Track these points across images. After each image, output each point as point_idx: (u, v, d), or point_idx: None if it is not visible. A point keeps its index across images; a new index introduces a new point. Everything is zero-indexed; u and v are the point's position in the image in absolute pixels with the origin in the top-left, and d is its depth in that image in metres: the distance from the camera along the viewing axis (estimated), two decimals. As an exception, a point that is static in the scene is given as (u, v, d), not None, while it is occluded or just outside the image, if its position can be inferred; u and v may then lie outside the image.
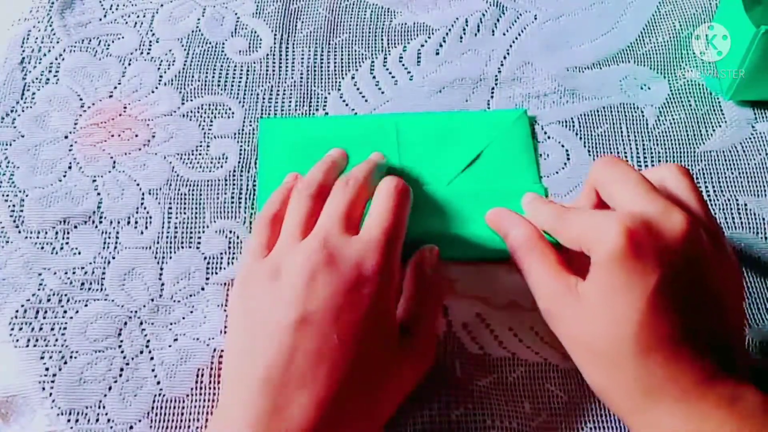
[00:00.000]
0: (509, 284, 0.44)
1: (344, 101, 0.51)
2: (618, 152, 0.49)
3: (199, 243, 0.45)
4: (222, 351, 0.41)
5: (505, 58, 0.53)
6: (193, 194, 0.47)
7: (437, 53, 0.53)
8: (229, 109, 0.50)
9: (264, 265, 0.38)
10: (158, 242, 0.45)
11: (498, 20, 0.55)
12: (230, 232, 0.45)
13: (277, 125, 0.49)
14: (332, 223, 0.38)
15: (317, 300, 0.34)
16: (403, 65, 0.53)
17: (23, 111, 0.49)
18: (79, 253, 0.44)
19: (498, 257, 0.44)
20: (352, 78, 0.52)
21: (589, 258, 0.34)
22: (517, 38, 0.54)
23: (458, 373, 0.41)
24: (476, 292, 0.43)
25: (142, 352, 0.41)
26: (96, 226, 0.45)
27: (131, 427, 0.39)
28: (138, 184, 0.47)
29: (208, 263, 0.44)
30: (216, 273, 0.44)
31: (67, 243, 0.45)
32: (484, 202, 0.46)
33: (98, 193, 0.46)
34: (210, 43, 0.53)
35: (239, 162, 0.48)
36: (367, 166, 0.43)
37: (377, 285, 0.35)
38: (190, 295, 0.43)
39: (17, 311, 0.42)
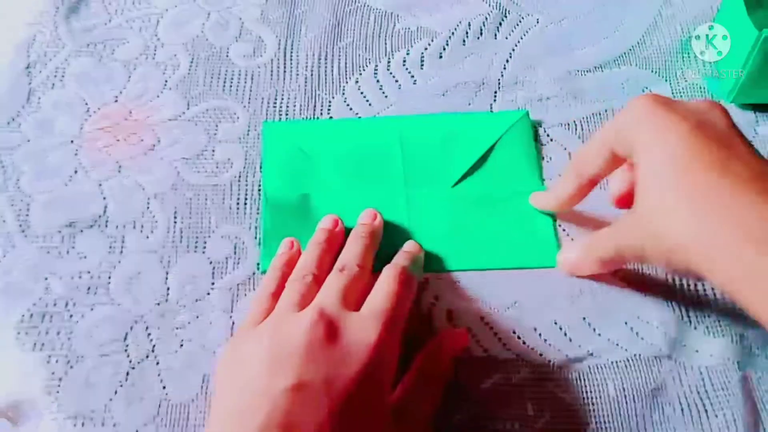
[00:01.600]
0: (512, 286, 0.44)
1: (348, 105, 0.51)
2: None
3: (204, 248, 0.45)
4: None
5: (507, 61, 0.53)
6: (198, 199, 0.47)
7: (440, 57, 0.54)
8: (234, 113, 0.51)
9: (258, 330, 0.37)
10: (164, 247, 0.45)
11: (500, 24, 0.55)
12: (236, 236, 0.46)
13: (281, 128, 0.50)
14: (331, 298, 0.38)
15: (314, 369, 0.34)
16: (407, 69, 0.53)
17: (29, 116, 0.50)
18: (85, 258, 0.45)
19: (502, 266, 0.45)
20: (356, 82, 0.52)
21: None
22: (519, 42, 0.54)
23: (462, 375, 0.41)
24: (479, 293, 0.44)
25: (147, 357, 0.42)
26: (102, 231, 0.46)
27: (137, 431, 0.40)
28: (143, 189, 0.47)
29: (214, 268, 0.45)
30: (221, 278, 0.44)
31: (73, 247, 0.45)
32: (488, 204, 0.46)
33: (104, 198, 0.47)
34: (215, 47, 0.54)
35: (244, 167, 0.48)
36: (359, 249, 0.42)
37: (374, 360, 0.35)
38: (196, 300, 0.43)
39: (23, 316, 0.43)
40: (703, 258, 0.33)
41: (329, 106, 0.51)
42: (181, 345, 0.42)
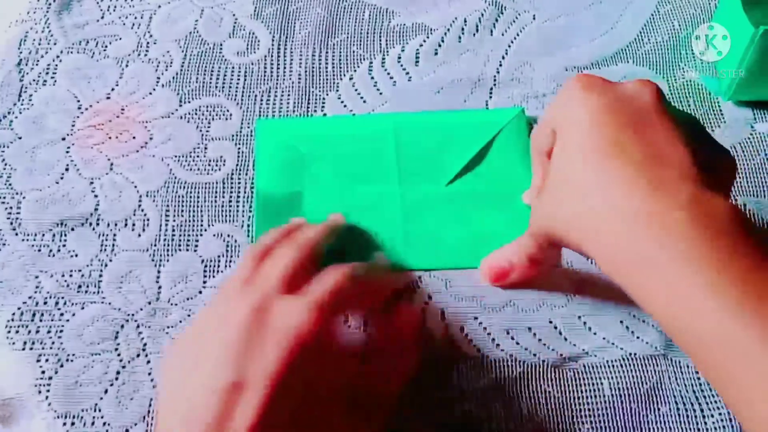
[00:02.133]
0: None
1: (342, 102, 0.51)
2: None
3: (196, 246, 0.45)
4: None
5: (503, 58, 0.53)
6: (190, 197, 0.47)
7: (436, 53, 0.53)
8: (227, 110, 0.50)
9: (203, 311, 0.37)
10: (155, 245, 0.45)
11: (496, 20, 0.55)
12: (228, 235, 0.45)
13: (274, 126, 0.49)
14: (271, 279, 0.36)
15: (246, 361, 0.32)
16: (402, 66, 0.53)
17: (20, 113, 0.49)
18: (76, 256, 0.44)
19: None
20: (351, 79, 0.52)
21: None
22: (515, 38, 0.54)
23: (455, 375, 0.41)
24: (472, 293, 0.43)
25: (138, 356, 0.41)
26: (93, 229, 0.45)
27: (127, 431, 0.39)
28: (135, 187, 0.47)
29: (206, 266, 0.44)
30: (213, 276, 0.44)
31: (64, 245, 0.45)
32: (483, 202, 0.46)
33: (95, 196, 0.46)
34: (208, 44, 0.53)
35: (237, 164, 0.48)
36: (318, 232, 0.41)
37: (309, 341, 0.33)
38: (188, 299, 0.43)
39: (14, 314, 0.42)
40: (584, 240, 0.32)
41: (323, 103, 0.51)
42: (173, 344, 0.42)
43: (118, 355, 0.41)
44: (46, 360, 0.41)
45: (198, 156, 0.48)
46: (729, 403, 0.29)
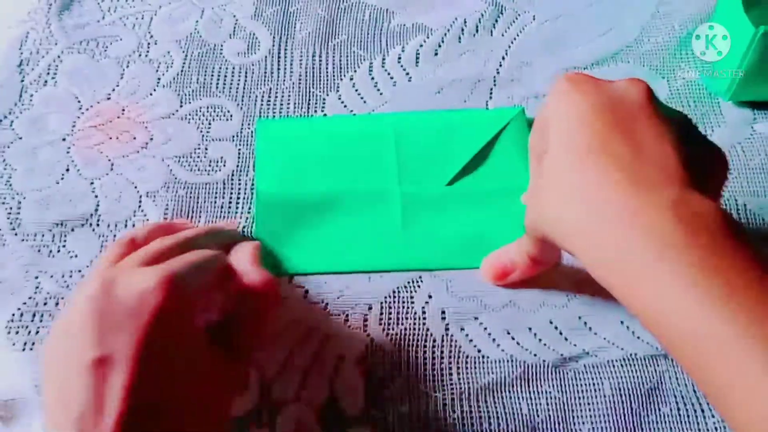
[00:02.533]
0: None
1: (343, 103, 0.51)
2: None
3: (196, 245, 0.45)
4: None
5: (503, 58, 0.53)
6: (190, 197, 0.47)
7: (436, 54, 0.53)
8: (228, 111, 0.50)
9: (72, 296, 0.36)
10: (156, 245, 0.45)
11: (496, 21, 0.55)
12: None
13: (275, 126, 0.49)
14: (128, 261, 0.35)
15: (110, 337, 0.31)
16: (402, 66, 0.53)
17: (21, 113, 0.49)
18: (76, 256, 0.44)
19: None
20: (351, 79, 0.52)
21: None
22: (515, 39, 0.54)
23: (456, 375, 0.41)
24: (472, 293, 0.43)
25: (139, 355, 0.41)
26: (93, 229, 0.45)
27: (128, 431, 0.39)
28: (136, 187, 0.47)
29: (206, 266, 0.44)
30: (213, 276, 0.44)
31: (64, 246, 0.45)
32: (483, 202, 0.46)
33: (96, 196, 0.46)
34: (208, 45, 0.53)
35: (237, 165, 0.48)
36: (198, 231, 0.41)
37: (168, 314, 0.32)
38: (188, 298, 0.43)
39: (14, 314, 0.42)
40: (569, 240, 0.32)
41: (324, 103, 0.51)
42: (173, 344, 0.42)
43: (119, 355, 0.41)
44: (47, 360, 0.41)
45: (198, 157, 0.48)
46: (711, 400, 0.29)
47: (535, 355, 0.42)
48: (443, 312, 0.43)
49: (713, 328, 0.27)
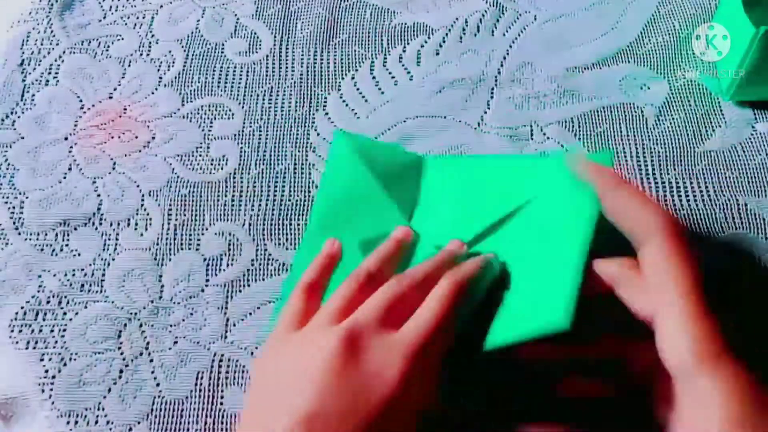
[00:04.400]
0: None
1: (344, 101, 0.51)
2: (618, 152, 0.48)
3: (198, 245, 0.45)
4: (222, 355, 0.42)
5: (504, 58, 0.53)
6: (193, 196, 0.47)
7: (437, 53, 0.53)
8: (229, 110, 0.50)
9: (291, 341, 0.35)
10: (158, 244, 0.45)
11: (498, 20, 0.55)
12: (230, 234, 0.45)
13: (351, 139, 0.45)
14: (369, 314, 0.34)
15: (329, 399, 0.31)
16: (403, 65, 0.53)
17: (23, 113, 0.50)
18: (79, 255, 0.44)
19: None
20: (352, 78, 0.52)
21: None
22: (516, 38, 0.54)
23: (455, 375, 0.41)
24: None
25: (141, 354, 0.41)
26: (96, 228, 0.45)
27: (130, 429, 0.39)
28: (138, 186, 0.47)
29: (208, 265, 0.44)
30: (216, 275, 0.44)
31: (66, 245, 0.45)
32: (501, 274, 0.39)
33: (98, 195, 0.47)
34: (210, 44, 0.53)
35: (239, 164, 0.48)
36: (433, 263, 0.38)
37: (397, 392, 0.31)
38: (190, 297, 0.43)
39: (17, 313, 0.42)
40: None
41: (325, 102, 0.51)
42: (175, 342, 0.42)
43: (121, 353, 0.41)
44: (50, 359, 0.41)
45: (200, 155, 0.48)
46: None
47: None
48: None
49: None
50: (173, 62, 0.52)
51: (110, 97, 0.50)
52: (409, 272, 0.37)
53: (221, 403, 0.40)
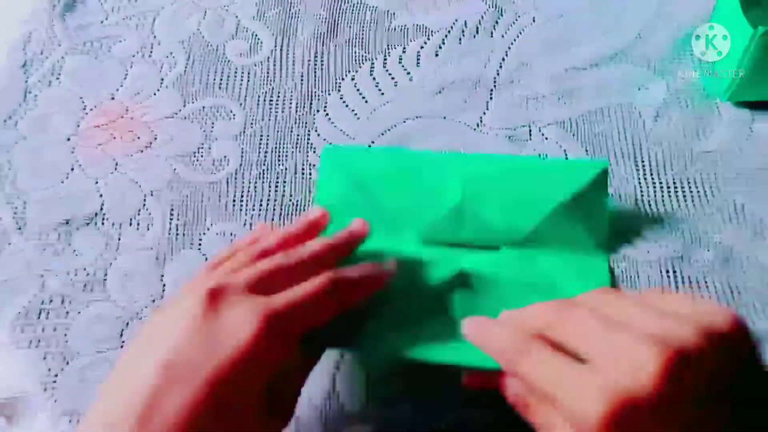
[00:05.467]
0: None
1: (344, 102, 0.51)
2: (616, 153, 0.49)
3: (200, 244, 0.45)
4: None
5: (503, 59, 0.53)
6: (194, 196, 0.47)
7: (436, 55, 0.54)
8: (231, 111, 0.51)
9: (163, 304, 0.37)
10: (159, 244, 0.45)
11: (497, 22, 0.55)
12: (231, 233, 0.46)
13: (341, 154, 0.45)
14: (241, 277, 0.34)
15: (186, 348, 0.31)
16: (403, 67, 0.53)
17: (25, 113, 0.50)
18: (81, 255, 0.45)
19: None
20: (353, 79, 0.52)
21: None
22: (515, 40, 0.54)
23: (456, 376, 0.41)
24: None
25: (143, 353, 0.42)
26: (98, 228, 0.46)
27: (133, 428, 0.40)
28: (140, 186, 0.47)
29: (209, 264, 0.45)
30: (217, 274, 0.44)
31: (69, 245, 0.45)
32: (523, 281, 0.41)
33: (100, 195, 0.47)
34: (211, 45, 0.54)
35: (240, 164, 0.48)
36: (328, 245, 0.38)
37: (249, 350, 0.31)
38: (191, 296, 0.43)
39: (19, 313, 0.43)
40: None
41: (325, 103, 0.51)
42: (177, 342, 0.42)
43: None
44: (52, 358, 0.41)
45: (202, 156, 0.49)
46: None
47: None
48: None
49: None
50: (175, 63, 0.53)
51: (112, 98, 0.51)
52: (300, 249, 0.37)
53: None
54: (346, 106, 0.51)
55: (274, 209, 0.47)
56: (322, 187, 0.45)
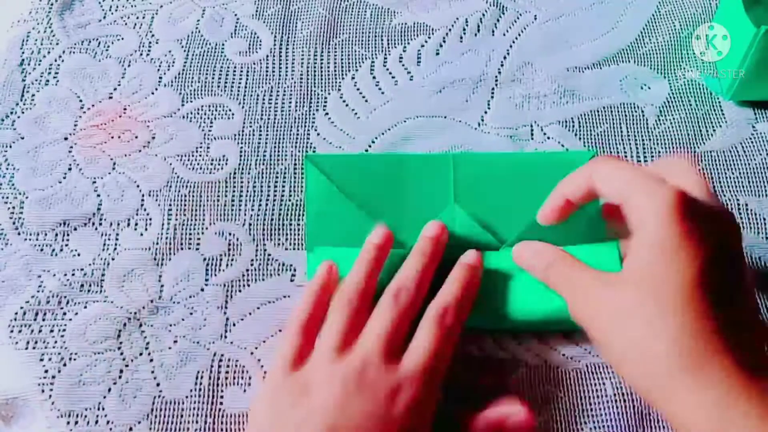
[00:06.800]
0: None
1: (344, 101, 0.51)
2: (618, 152, 0.48)
3: (198, 244, 0.45)
4: (222, 355, 0.41)
5: (505, 58, 0.53)
6: (192, 196, 0.47)
7: (437, 53, 0.53)
8: (229, 110, 0.50)
9: (295, 380, 0.36)
10: (158, 244, 0.45)
11: (498, 20, 0.55)
12: (230, 233, 0.45)
13: (324, 162, 0.45)
14: (372, 348, 0.36)
15: (346, 425, 0.34)
16: (403, 65, 0.53)
17: (23, 113, 0.49)
18: (79, 255, 0.44)
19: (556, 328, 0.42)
20: (353, 78, 0.52)
21: None
22: (517, 38, 0.54)
23: (460, 374, 0.41)
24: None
25: (141, 354, 0.41)
26: (96, 228, 0.45)
27: (130, 429, 0.39)
28: (138, 186, 0.47)
29: (208, 265, 0.44)
30: (215, 275, 0.44)
31: (66, 245, 0.45)
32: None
33: (98, 195, 0.46)
34: (210, 44, 0.53)
35: (239, 164, 0.48)
36: (418, 267, 0.40)
37: (408, 421, 0.34)
38: (190, 297, 0.43)
39: (17, 313, 0.42)
40: (656, 399, 0.31)
41: (325, 102, 0.51)
42: (175, 342, 0.42)
43: (121, 353, 0.41)
44: (49, 359, 0.41)
45: (200, 155, 0.48)
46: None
47: (537, 355, 0.42)
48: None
49: None
50: (173, 62, 0.52)
51: (110, 97, 0.50)
52: (402, 286, 0.39)
53: (221, 403, 0.40)
54: (346, 105, 0.51)
55: (273, 209, 0.46)
56: (311, 196, 0.44)
